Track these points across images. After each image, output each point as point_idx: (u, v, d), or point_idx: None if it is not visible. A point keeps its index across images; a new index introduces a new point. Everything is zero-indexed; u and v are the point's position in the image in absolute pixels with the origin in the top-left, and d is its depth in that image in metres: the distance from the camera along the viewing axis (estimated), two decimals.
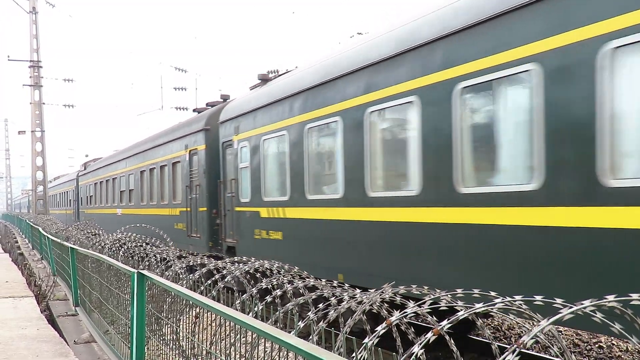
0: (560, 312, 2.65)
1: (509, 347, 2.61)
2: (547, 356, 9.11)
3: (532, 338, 2.48)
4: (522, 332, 11.21)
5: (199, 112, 18.24)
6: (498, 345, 4.92)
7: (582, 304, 2.68)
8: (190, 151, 16.80)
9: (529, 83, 6.50)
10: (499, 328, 11.80)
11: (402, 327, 4.22)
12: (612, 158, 5.64)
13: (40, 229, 22.20)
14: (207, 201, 15.62)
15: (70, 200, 41.40)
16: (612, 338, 10.48)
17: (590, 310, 2.75)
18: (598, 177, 5.72)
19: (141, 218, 21.08)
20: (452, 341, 4.03)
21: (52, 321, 11.05)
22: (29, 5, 37.51)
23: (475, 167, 7.35)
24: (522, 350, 2.41)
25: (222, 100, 17.80)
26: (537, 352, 9.74)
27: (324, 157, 10.50)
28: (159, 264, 9.24)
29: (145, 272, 6.40)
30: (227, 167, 14.59)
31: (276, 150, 12.05)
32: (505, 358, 2.38)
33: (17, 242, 32.47)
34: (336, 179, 9.99)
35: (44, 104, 38.25)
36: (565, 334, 11.01)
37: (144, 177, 21.56)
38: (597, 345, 10.31)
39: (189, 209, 16.94)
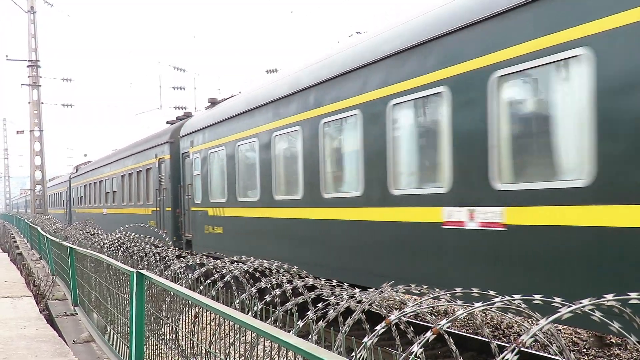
0: (559, 311, 2.66)
1: (508, 345, 2.62)
2: (547, 355, 9.12)
3: (531, 337, 2.48)
4: (521, 330, 11.23)
5: (171, 124, 20.83)
6: (497, 344, 4.93)
7: (581, 302, 2.68)
8: (159, 159, 19.54)
9: (356, 124, 9.38)
10: (498, 326, 11.82)
11: (402, 327, 4.23)
12: (394, 176, 8.60)
13: (39, 229, 22.20)
14: (172, 202, 18.25)
15: (63, 200, 43.74)
16: (611, 336, 10.50)
17: (589, 309, 2.76)
18: (388, 188, 8.68)
19: (122, 217, 23.98)
20: (452, 340, 4.03)
21: (51, 321, 11.06)
22: (27, 4, 37.41)
23: (333, 179, 10.32)
24: (521, 349, 2.42)
25: (185, 116, 20.95)
26: (537, 350, 9.75)
27: (249, 168, 13.36)
28: (158, 263, 9.25)
29: (144, 271, 6.40)
30: (185, 174, 17.63)
31: (218, 162, 15.03)
32: (504, 357, 2.38)
33: (15, 241, 32.47)
34: (256, 185, 12.93)
35: (42, 103, 38.14)
36: (564, 333, 11.03)
37: (124, 181, 24.38)
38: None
39: (158, 209, 19.61)
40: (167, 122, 21.92)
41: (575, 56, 5.92)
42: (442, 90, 7.55)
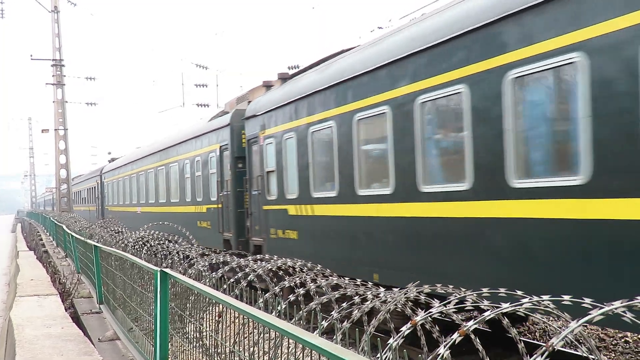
0: (590, 314, 2.60)
1: (537, 343, 2.57)
2: (576, 352, 8.99)
3: (561, 340, 2.43)
4: (546, 327, 11.10)
5: (109, 162, 39.68)
6: (523, 340, 4.86)
7: (612, 304, 2.62)
8: (97, 182, 39.53)
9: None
10: (523, 324, 11.69)
11: (427, 326, 4.18)
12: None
13: (64, 227, 22.42)
14: (101, 203, 38.32)
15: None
16: None
17: (621, 311, 2.69)
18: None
19: (89, 212, 43.42)
20: (478, 340, 3.98)
21: (76, 319, 11.15)
22: (51, 4, 37.58)
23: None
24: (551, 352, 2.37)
25: (111, 160, 39.50)
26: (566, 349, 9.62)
27: (131, 187, 29.13)
28: (182, 262, 9.28)
29: (168, 270, 6.42)
30: (104, 191, 37.15)
31: (118, 186, 32.31)
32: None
33: (41, 239, 32.87)
34: (135, 196, 28.09)
35: (66, 102, 38.25)
36: (590, 329, 10.89)
37: (88, 192, 46.51)
38: (622, 340, 10.18)
39: (96, 207, 40.05)
40: (109, 160, 40.11)
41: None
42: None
